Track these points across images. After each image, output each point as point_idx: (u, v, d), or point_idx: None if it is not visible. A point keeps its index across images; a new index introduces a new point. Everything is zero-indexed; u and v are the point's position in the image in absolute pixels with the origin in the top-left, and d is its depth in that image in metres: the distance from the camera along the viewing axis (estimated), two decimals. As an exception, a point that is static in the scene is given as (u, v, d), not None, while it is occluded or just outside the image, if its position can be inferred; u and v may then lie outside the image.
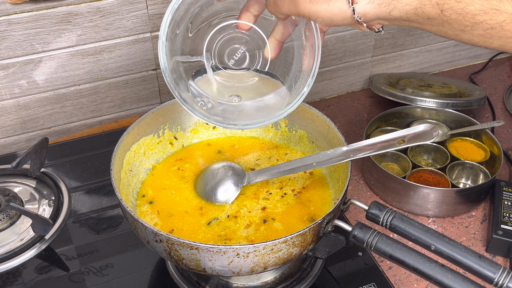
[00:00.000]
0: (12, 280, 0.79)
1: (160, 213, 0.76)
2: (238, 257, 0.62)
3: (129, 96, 1.07)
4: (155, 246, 0.65)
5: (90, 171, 0.99)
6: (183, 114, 0.87)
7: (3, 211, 0.86)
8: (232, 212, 0.76)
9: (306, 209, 0.77)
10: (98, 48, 0.98)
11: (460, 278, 0.60)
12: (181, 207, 0.77)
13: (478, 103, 1.09)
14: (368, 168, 0.97)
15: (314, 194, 0.79)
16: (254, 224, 0.74)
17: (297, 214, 0.76)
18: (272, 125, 0.89)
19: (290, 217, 0.75)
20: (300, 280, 0.78)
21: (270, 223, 0.74)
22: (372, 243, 0.64)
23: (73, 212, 0.90)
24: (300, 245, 0.64)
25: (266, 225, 0.74)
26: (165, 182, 0.81)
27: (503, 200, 0.90)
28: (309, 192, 0.79)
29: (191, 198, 0.78)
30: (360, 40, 1.18)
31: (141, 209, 0.77)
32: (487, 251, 0.87)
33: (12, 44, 0.92)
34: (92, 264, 0.82)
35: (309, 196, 0.79)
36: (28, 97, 0.99)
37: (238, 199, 0.78)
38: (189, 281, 0.78)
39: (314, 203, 0.78)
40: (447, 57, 1.32)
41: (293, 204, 0.77)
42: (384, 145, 0.67)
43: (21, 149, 1.05)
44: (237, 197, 0.77)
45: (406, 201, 0.92)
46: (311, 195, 0.79)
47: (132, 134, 0.79)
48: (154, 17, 0.98)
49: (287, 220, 0.75)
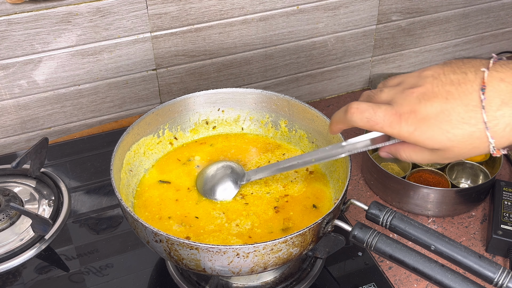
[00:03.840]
0: (12, 280, 0.79)
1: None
2: (238, 257, 0.62)
3: (129, 96, 1.07)
4: (155, 246, 0.65)
5: (90, 171, 0.99)
6: (183, 114, 0.87)
7: (3, 211, 0.86)
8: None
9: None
10: (98, 48, 0.98)
11: (460, 278, 0.60)
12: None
13: (478, 103, 1.09)
14: (368, 168, 0.97)
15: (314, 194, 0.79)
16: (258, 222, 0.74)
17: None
18: (272, 125, 0.89)
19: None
20: (300, 280, 0.78)
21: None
22: (372, 243, 0.64)
23: (73, 212, 0.90)
24: (300, 245, 0.64)
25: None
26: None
27: (503, 200, 0.90)
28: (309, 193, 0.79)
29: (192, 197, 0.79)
30: (360, 40, 1.18)
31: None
32: (487, 251, 0.87)
33: (12, 44, 0.92)
34: (92, 264, 0.82)
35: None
36: (28, 97, 0.99)
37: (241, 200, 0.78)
38: (189, 281, 0.78)
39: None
40: (447, 57, 1.32)
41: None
42: (383, 139, 0.66)
43: (21, 149, 1.05)
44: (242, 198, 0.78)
45: (406, 201, 0.92)
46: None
47: (132, 134, 0.79)
48: (154, 17, 0.98)
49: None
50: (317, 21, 1.11)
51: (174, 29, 1.01)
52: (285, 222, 0.74)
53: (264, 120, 0.89)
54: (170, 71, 1.06)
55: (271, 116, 0.88)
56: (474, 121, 0.52)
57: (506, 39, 1.36)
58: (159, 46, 1.02)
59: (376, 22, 1.17)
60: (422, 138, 0.54)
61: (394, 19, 1.18)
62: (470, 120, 0.52)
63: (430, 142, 0.54)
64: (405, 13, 1.18)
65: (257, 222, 0.74)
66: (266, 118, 0.89)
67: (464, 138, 0.53)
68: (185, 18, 1.00)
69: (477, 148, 0.53)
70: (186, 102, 0.86)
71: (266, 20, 1.07)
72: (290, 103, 0.85)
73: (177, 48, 1.03)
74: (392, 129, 0.55)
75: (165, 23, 0.99)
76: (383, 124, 0.56)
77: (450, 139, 0.53)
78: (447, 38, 1.28)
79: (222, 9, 1.02)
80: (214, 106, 0.88)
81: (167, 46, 1.02)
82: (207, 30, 1.03)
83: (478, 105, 0.52)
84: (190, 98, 0.86)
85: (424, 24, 1.22)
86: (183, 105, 0.86)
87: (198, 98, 0.86)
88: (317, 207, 0.77)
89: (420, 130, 0.54)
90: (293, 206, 0.77)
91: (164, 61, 1.04)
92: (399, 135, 0.55)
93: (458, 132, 0.53)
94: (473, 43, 1.32)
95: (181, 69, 1.07)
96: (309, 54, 1.16)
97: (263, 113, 0.89)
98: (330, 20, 1.12)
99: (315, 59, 1.17)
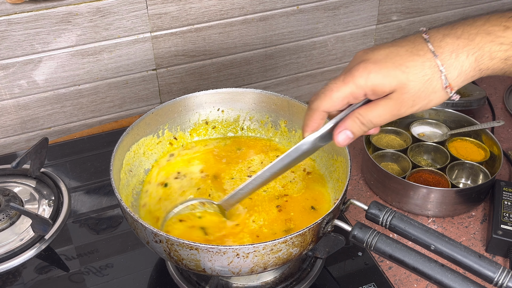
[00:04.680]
0: (12, 280, 0.79)
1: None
2: (238, 257, 0.62)
3: (129, 96, 1.07)
4: (155, 246, 0.65)
5: (90, 171, 0.99)
6: (182, 114, 0.87)
7: (3, 211, 0.86)
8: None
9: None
10: (98, 48, 0.98)
11: (460, 278, 0.60)
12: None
13: (478, 103, 1.09)
14: (368, 168, 0.97)
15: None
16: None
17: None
18: (272, 125, 0.89)
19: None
20: (300, 280, 0.78)
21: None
22: (372, 243, 0.64)
23: (73, 212, 0.90)
24: (300, 245, 0.64)
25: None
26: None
27: (503, 200, 0.90)
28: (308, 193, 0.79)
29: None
30: (360, 40, 1.18)
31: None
32: (487, 251, 0.87)
33: (12, 44, 0.92)
34: (92, 264, 0.82)
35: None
36: (28, 97, 0.99)
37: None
38: (189, 281, 0.78)
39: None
40: (447, 57, 1.32)
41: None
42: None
43: (21, 149, 1.05)
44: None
45: (406, 201, 0.92)
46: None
47: (131, 135, 0.79)
48: (154, 17, 0.98)
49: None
50: (317, 21, 1.11)
51: (174, 29, 1.01)
52: (287, 223, 0.74)
53: (264, 120, 0.89)
54: (170, 71, 1.06)
55: (271, 116, 0.88)
56: (422, 52, 0.56)
57: (506, 39, 1.36)
58: (159, 46, 1.02)
59: (376, 22, 1.17)
60: (378, 78, 0.56)
61: (394, 19, 1.18)
62: (418, 52, 0.56)
63: (386, 80, 0.55)
64: (405, 13, 1.18)
65: (266, 220, 0.74)
66: (266, 118, 0.89)
67: (417, 70, 0.55)
68: (185, 18, 1.00)
69: (431, 80, 0.56)
70: (186, 102, 0.86)
71: (266, 20, 1.07)
72: (290, 103, 0.85)
73: (177, 48, 1.03)
74: (346, 84, 0.57)
75: (165, 23, 0.99)
76: (338, 86, 0.57)
77: (404, 71, 0.55)
78: (447, 38, 1.28)
79: (222, 9, 1.02)
80: (214, 106, 0.88)
81: (167, 46, 1.02)
82: (207, 30, 1.03)
83: (423, 41, 0.57)
84: (190, 98, 0.86)
85: (424, 24, 1.22)
86: (183, 105, 0.86)
87: (198, 98, 0.86)
88: (315, 209, 0.77)
89: (374, 71, 0.56)
90: (292, 207, 0.77)
91: (164, 61, 1.04)
92: (356, 86, 0.56)
93: (410, 64, 0.56)
94: (473, 43, 1.32)
95: (181, 69, 1.07)
96: (309, 54, 1.16)
97: (263, 113, 0.89)
98: (330, 20, 1.12)
99: (315, 59, 1.17)
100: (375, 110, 0.58)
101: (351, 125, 0.59)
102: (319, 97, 0.59)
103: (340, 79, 0.57)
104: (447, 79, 0.56)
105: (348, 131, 0.59)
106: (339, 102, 0.58)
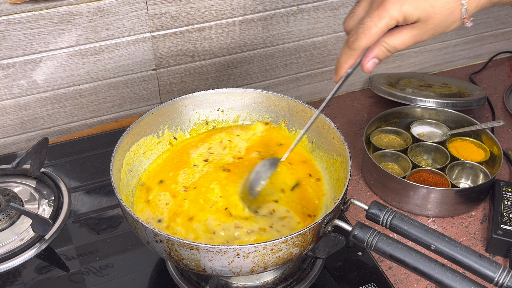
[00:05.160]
0: (12, 280, 0.79)
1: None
2: (238, 257, 0.62)
3: (129, 96, 1.07)
4: (155, 246, 0.65)
5: (90, 171, 0.99)
6: (182, 114, 0.87)
7: (3, 211, 0.86)
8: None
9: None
10: (98, 48, 0.98)
11: (460, 278, 0.60)
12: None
13: (478, 103, 1.09)
14: (368, 168, 0.97)
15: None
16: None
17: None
18: (271, 125, 0.89)
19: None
20: (300, 280, 0.78)
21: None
22: (372, 243, 0.64)
23: (73, 212, 0.90)
24: (300, 245, 0.64)
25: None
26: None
27: (503, 200, 0.90)
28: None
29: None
30: (360, 40, 1.18)
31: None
32: (487, 251, 0.87)
33: (12, 44, 0.92)
34: (92, 264, 0.82)
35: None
36: (28, 97, 0.99)
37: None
38: (189, 281, 0.78)
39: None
40: (447, 57, 1.32)
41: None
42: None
43: (21, 149, 1.05)
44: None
45: (406, 201, 0.92)
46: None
47: (131, 135, 0.79)
48: (154, 17, 0.98)
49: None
50: (317, 21, 1.11)
51: (174, 29, 1.01)
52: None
53: (264, 120, 0.89)
54: (170, 71, 1.06)
55: (271, 116, 0.88)
56: None
57: (506, 39, 1.36)
58: (159, 46, 1.02)
59: (376, 22, 1.17)
60: (410, 9, 0.60)
61: (394, 19, 1.18)
62: None
63: (416, 11, 0.60)
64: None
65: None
66: (266, 118, 0.89)
67: (442, 3, 0.60)
68: (185, 18, 1.00)
69: (453, 13, 0.61)
70: (186, 102, 0.86)
71: (266, 20, 1.07)
72: (290, 103, 0.85)
73: (177, 48, 1.03)
74: (382, 18, 0.61)
75: (165, 23, 0.99)
76: (375, 23, 0.61)
77: (432, 5, 0.60)
78: (447, 38, 1.28)
79: (222, 9, 1.02)
80: (214, 106, 0.88)
81: (167, 46, 1.02)
82: (207, 30, 1.03)
83: None
84: (190, 98, 0.86)
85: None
86: (183, 105, 0.86)
87: (198, 98, 0.86)
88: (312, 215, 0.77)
89: (406, 3, 0.60)
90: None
91: (164, 61, 1.04)
92: (390, 18, 0.60)
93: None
94: (473, 43, 1.32)
95: (181, 69, 1.07)
96: (309, 54, 1.16)
97: (263, 113, 0.89)
98: (330, 20, 1.12)
99: (315, 59, 1.17)
100: (399, 37, 0.62)
101: (378, 53, 0.64)
102: (359, 37, 0.62)
103: (375, 14, 0.61)
104: (466, 11, 0.61)
105: (375, 59, 0.65)
106: (378, 36, 0.62)
